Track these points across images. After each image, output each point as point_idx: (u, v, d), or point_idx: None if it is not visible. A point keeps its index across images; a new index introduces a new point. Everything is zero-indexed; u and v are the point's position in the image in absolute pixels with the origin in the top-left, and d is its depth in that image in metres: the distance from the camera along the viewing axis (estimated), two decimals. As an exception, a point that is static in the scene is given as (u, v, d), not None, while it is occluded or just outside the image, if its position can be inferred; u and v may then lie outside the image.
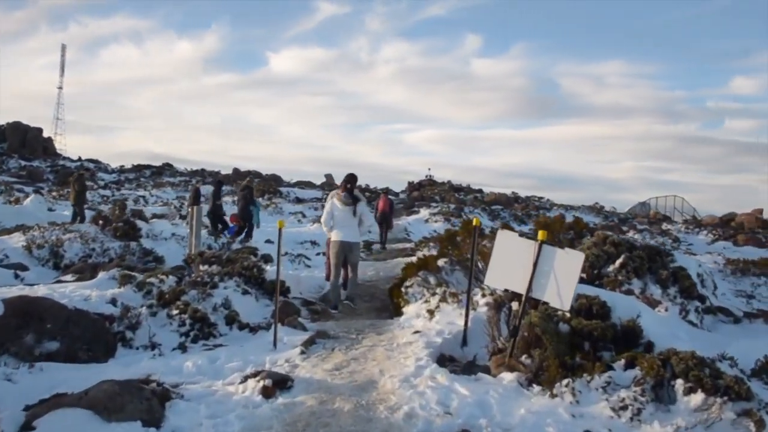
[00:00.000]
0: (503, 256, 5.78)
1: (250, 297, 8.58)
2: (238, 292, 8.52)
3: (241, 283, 8.81)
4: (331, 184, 49.71)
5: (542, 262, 5.53)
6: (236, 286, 8.64)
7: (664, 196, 53.31)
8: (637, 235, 28.07)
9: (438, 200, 37.53)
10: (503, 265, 5.77)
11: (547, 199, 44.07)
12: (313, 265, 13.19)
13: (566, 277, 5.41)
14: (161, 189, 36.85)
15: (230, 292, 8.47)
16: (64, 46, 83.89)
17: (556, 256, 5.48)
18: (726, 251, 25.99)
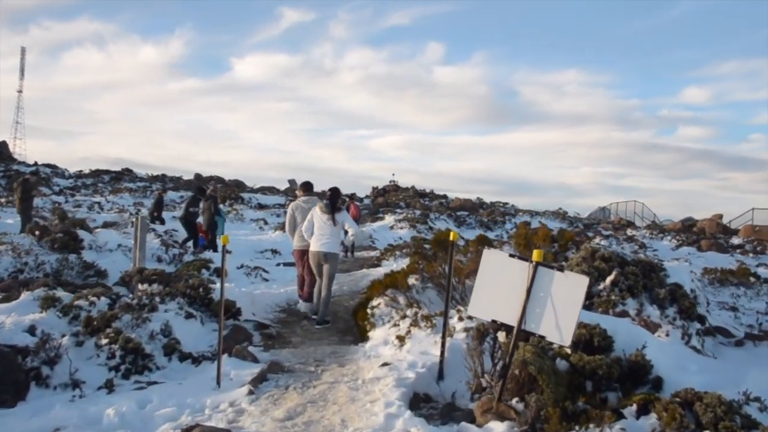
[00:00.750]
0: (490, 280, 4.86)
1: (195, 321, 7.51)
2: (180, 316, 7.45)
3: (184, 304, 7.73)
4: (294, 189, 48.49)
5: (537, 288, 4.63)
6: (179, 309, 7.56)
7: (624, 202, 53.39)
8: (604, 241, 27.60)
9: (403, 206, 36.66)
10: (490, 291, 4.84)
11: (511, 205, 43.55)
12: (272, 278, 12.13)
13: (567, 306, 4.51)
14: (118, 195, 35.17)
15: (172, 315, 7.40)
16: (24, 49, 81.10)
17: (554, 280, 4.58)
18: (691, 257, 25.72)
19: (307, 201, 9.54)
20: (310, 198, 9.65)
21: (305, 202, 9.56)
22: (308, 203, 9.44)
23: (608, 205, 55.34)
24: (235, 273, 11.96)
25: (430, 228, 28.48)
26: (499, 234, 30.02)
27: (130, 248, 13.17)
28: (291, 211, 9.58)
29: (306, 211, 9.24)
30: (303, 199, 9.66)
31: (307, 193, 9.87)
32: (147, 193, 36.51)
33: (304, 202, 9.57)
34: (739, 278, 13.21)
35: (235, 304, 7.97)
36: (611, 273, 7.17)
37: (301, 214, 9.45)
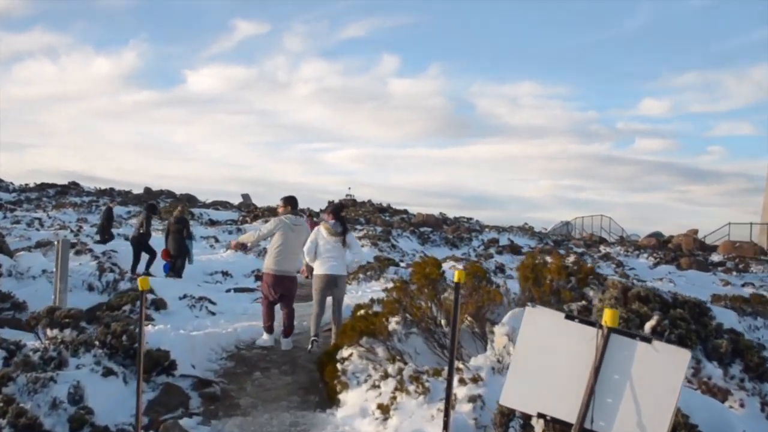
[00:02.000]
0: (534, 354, 3.30)
1: (116, 380, 5.74)
2: (97, 374, 5.69)
3: (103, 357, 5.97)
4: (248, 204, 46.44)
5: (611, 367, 3.10)
6: (95, 364, 5.80)
7: (590, 216, 52.81)
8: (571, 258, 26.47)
9: (363, 222, 35.01)
10: (534, 370, 3.28)
11: (476, 221, 42.30)
12: (220, 310, 10.35)
13: (656, 395, 2.99)
14: (62, 210, 32.66)
15: (85, 373, 5.65)
16: None
17: (636, 354, 3.06)
18: (672, 276, 24.80)
19: (294, 221, 8.51)
20: (298, 218, 8.68)
21: (292, 223, 8.45)
22: (295, 224, 8.48)
23: (572, 219, 54.73)
24: (176, 304, 10.15)
25: (393, 246, 26.93)
26: (466, 252, 28.61)
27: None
28: (273, 227, 8.46)
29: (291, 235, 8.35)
30: (289, 218, 8.46)
31: (293, 212, 8.73)
32: (93, 209, 34.08)
33: (291, 222, 8.44)
34: (754, 306, 11.97)
35: (169, 355, 6.22)
36: (652, 317, 5.69)
37: (283, 234, 8.31)
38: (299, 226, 8.53)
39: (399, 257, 25.50)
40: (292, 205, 8.75)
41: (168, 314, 9.64)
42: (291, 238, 8.35)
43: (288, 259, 8.38)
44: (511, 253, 28.62)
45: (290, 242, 8.34)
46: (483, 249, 29.86)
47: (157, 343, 6.44)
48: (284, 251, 8.32)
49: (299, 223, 8.58)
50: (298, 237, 8.45)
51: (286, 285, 8.36)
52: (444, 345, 6.14)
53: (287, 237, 8.33)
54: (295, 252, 8.45)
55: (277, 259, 8.30)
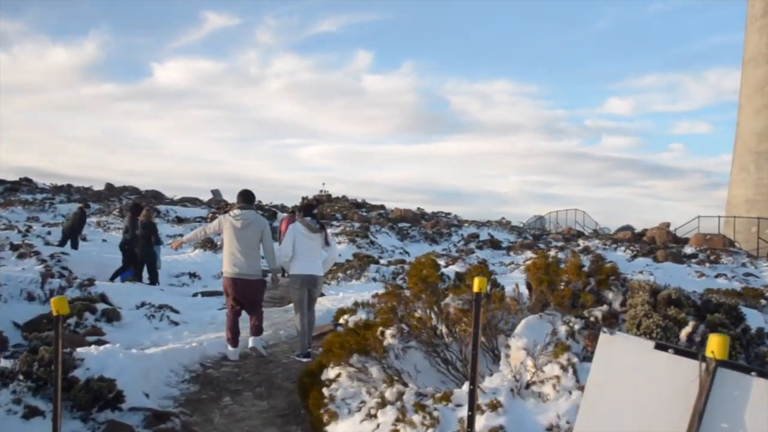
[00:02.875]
0: (613, 391, 2.31)
1: (42, 422, 4.58)
2: (15, 416, 4.53)
3: (26, 393, 4.81)
4: (219, 200, 44.97)
5: (718, 411, 2.14)
6: (14, 402, 4.63)
7: (564, 210, 52.38)
8: (561, 254, 25.75)
9: (339, 218, 33.88)
10: (611, 414, 2.30)
11: (454, 215, 41.32)
12: (184, 320, 9.21)
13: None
14: (9, 209, 30.90)
15: (1, 414, 4.51)
16: None
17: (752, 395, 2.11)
18: (650, 269, 24.27)
19: (241, 216, 7.42)
20: (246, 212, 7.50)
21: (238, 218, 7.39)
22: (241, 219, 7.40)
23: (546, 214, 54.21)
24: (132, 315, 8.99)
25: (372, 242, 25.90)
26: (446, 248, 27.71)
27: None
28: (218, 224, 7.57)
29: (239, 232, 7.37)
30: (235, 214, 7.47)
31: (245, 205, 7.63)
32: (45, 206, 32.39)
33: (237, 218, 7.39)
34: (748, 300, 11.20)
35: (114, 385, 5.06)
36: (687, 324, 4.76)
37: (229, 232, 7.36)
38: (247, 221, 7.42)
39: (378, 254, 24.49)
40: (245, 199, 7.68)
41: (122, 327, 8.49)
42: (238, 234, 7.34)
43: (241, 259, 7.33)
44: (492, 248, 27.80)
45: (238, 239, 7.33)
46: (463, 244, 28.99)
47: (101, 368, 5.29)
48: (233, 250, 7.34)
49: (247, 217, 7.45)
50: (247, 233, 7.39)
51: (243, 289, 7.33)
52: (448, 360, 5.13)
53: (234, 234, 7.34)
54: (246, 250, 7.38)
55: (227, 260, 7.37)
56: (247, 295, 7.37)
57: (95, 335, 7.93)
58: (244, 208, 7.54)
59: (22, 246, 15.54)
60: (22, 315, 9.21)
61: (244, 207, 7.56)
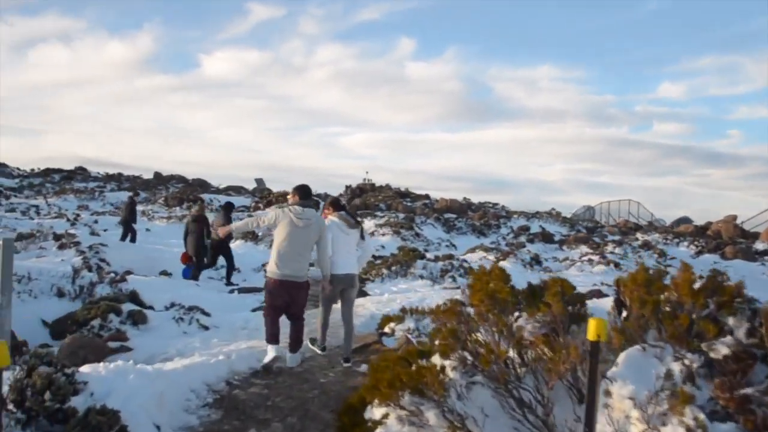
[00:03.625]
0: None
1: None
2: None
3: (13, 425, 4.01)
4: (262, 189, 44.57)
5: None
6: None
7: (617, 200, 50.43)
8: (618, 248, 24.34)
9: (383, 208, 32.95)
10: None
11: (502, 206, 39.96)
12: (215, 323, 8.39)
13: None
14: (62, 197, 30.96)
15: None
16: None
17: None
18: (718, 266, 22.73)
19: (303, 215, 6.67)
20: (309, 211, 6.75)
21: (300, 217, 6.63)
22: (304, 218, 6.65)
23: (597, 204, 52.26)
24: (160, 317, 8.22)
25: (417, 234, 24.89)
26: (495, 241, 26.52)
27: (22, 278, 9.34)
28: (274, 218, 6.74)
29: (296, 230, 6.59)
30: (295, 210, 6.67)
31: (306, 203, 6.87)
32: (95, 195, 32.36)
33: (299, 216, 6.62)
34: None
35: (118, 418, 4.22)
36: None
37: (286, 228, 6.61)
38: (309, 221, 6.65)
39: (423, 247, 23.50)
40: (302, 194, 6.89)
41: (148, 330, 7.74)
42: (296, 234, 6.57)
43: (293, 260, 6.57)
44: (543, 242, 26.51)
45: (295, 239, 6.57)
46: (513, 237, 27.75)
47: (107, 393, 4.47)
48: (288, 250, 6.55)
49: (309, 216, 6.67)
50: (306, 233, 6.64)
51: (292, 293, 6.62)
52: (524, 402, 4.13)
53: (291, 232, 6.56)
54: (301, 251, 6.64)
55: (279, 260, 6.55)
56: (295, 299, 6.69)
57: (118, 340, 7.20)
58: (305, 205, 6.76)
59: (65, 236, 15.08)
60: (52, 312, 8.62)
61: (305, 204, 6.78)
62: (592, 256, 21.64)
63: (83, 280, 9.69)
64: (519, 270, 17.92)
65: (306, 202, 6.83)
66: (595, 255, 21.97)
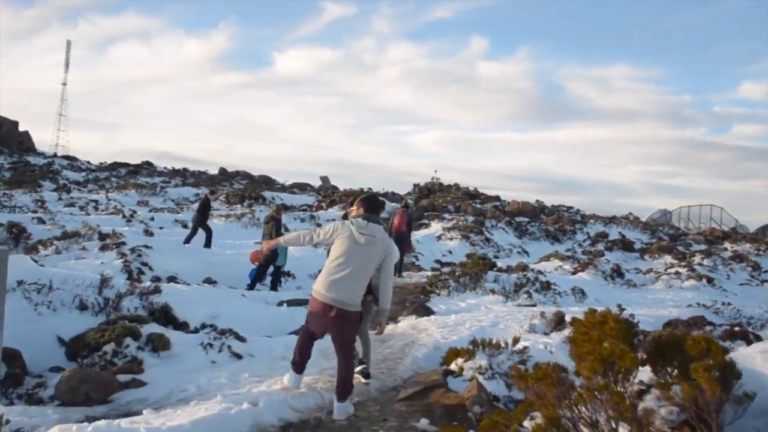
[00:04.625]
0: None
1: None
2: None
3: None
4: (327, 187, 43.72)
5: None
6: None
7: (697, 205, 47.27)
8: (706, 260, 22.06)
9: (451, 210, 31.39)
10: None
11: (576, 209, 37.70)
12: (250, 351, 7.14)
13: None
14: (123, 192, 30.80)
15: None
16: (69, 42, 78.98)
17: None
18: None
19: (367, 230, 5.42)
20: (375, 227, 5.49)
21: (363, 231, 5.40)
22: (367, 234, 5.40)
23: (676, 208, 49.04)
24: (186, 342, 7.02)
25: (487, 240, 23.29)
26: (570, 248, 24.61)
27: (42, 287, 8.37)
28: (331, 231, 5.56)
29: (358, 249, 5.35)
30: (358, 224, 5.46)
31: (372, 216, 5.62)
32: (157, 190, 32.08)
33: (362, 231, 5.40)
34: None
35: None
36: None
37: (345, 244, 5.39)
38: (373, 238, 5.37)
39: (493, 253, 21.90)
40: (369, 206, 5.66)
41: (170, 358, 6.56)
42: (355, 251, 5.32)
43: (346, 282, 5.27)
44: (623, 250, 24.44)
45: (353, 257, 5.32)
46: (590, 244, 25.74)
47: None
48: (342, 269, 5.29)
49: (374, 233, 5.39)
50: (369, 253, 5.37)
51: (337, 323, 5.29)
52: None
53: (349, 249, 5.33)
54: (358, 273, 5.33)
55: (330, 279, 5.29)
56: (340, 331, 5.34)
57: (129, 373, 6.05)
58: (370, 219, 5.50)
59: (110, 235, 14.31)
60: (72, 328, 7.55)
61: (371, 219, 5.52)
62: (679, 269, 19.54)
63: (111, 291, 8.66)
64: (599, 283, 16.15)
65: (372, 216, 5.56)
66: (682, 267, 19.85)
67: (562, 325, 8.18)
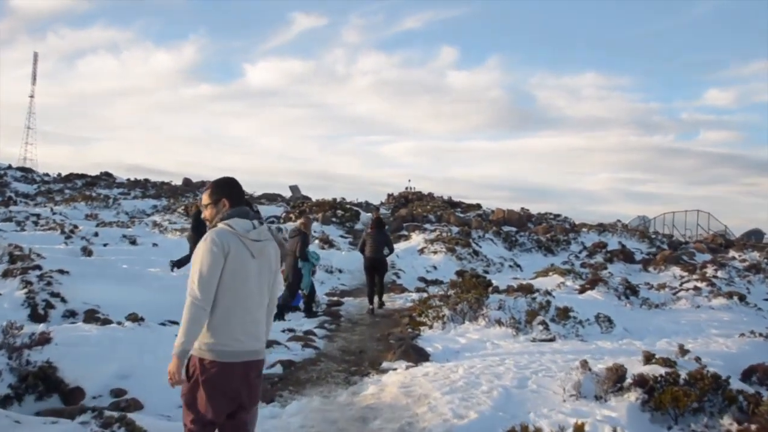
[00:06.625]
0: None
1: None
2: None
3: None
4: (297, 197, 41.06)
5: None
6: None
7: (683, 211, 45.42)
8: (721, 272, 19.89)
9: (433, 220, 28.93)
10: None
11: (564, 217, 35.47)
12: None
13: None
14: (72, 204, 27.82)
15: None
16: (36, 54, 77.03)
17: None
18: None
19: (255, 234, 3.41)
20: (257, 226, 3.45)
21: (252, 237, 3.39)
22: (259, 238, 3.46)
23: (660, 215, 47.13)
24: None
25: (475, 253, 20.84)
26: (567, 260, 22.26)
27: None
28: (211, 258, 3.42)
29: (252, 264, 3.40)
30: (238, 225, 3.38)
31: (240, 209, 3.50)
32: (109, 203, 29.15)
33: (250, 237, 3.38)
34: None
35: None
36: None
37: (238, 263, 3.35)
38: (265, 242, 3.46)
39: (483, 268, 19.46)
40: (237, 196, 3.54)
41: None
42: (253, 271, 3.39)
43: (255, 320, 3.42)
44: (624, 261, 22.20)
45: (254, 281, 3.40)
46: (587, 256, 23.44)
47: None
48: (247, 304, 3.36)
49: (264, 235, 3.46)
50: (267, 265, 3.50)
51: (253, 384, 3.43)
52: None
53: (246, 271, 3.35)
54: (263, 303, 3.51)
55: (232, 324, 3.30)
56: (256, 398, 3.50)
57: None
58: (245, 215, 3.43)
59: (22, 257, 11.56)
60: None
61: (243, 213, 3.45)
62: (696, 283, 17.27)
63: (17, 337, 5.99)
64: (613, 303, 13.70)
65: (243, 209, 3.46)
66: (699, 281, 17.60)
67: (623, 383, 5.72)
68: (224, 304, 3.24)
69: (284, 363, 7.67)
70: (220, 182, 3.54)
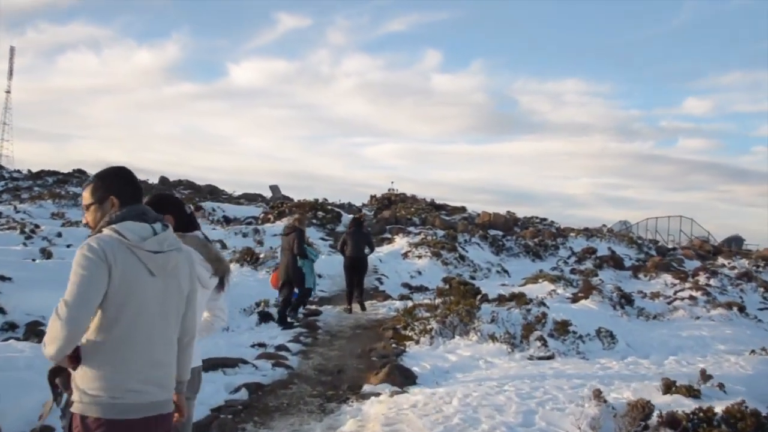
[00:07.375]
0: None
1: None
2: None
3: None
4: (277, 197, 39.98)
5: None
6: None
7: (666, 217, 44.96)
8: (713, 280, 19.19)
9: (417, 223, 28.01)
10: None
11: (551, 221, 34.77)
12: None
13: None
14: (37, 203, 26.51)
15: None
16: (13, 48, 75.91)
17: None
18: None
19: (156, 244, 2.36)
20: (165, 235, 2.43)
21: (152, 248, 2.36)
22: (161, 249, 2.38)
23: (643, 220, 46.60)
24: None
25: (461, 258, 19.95)
26: (556, 266, 21.45)
27: None
28: (89, 269, 2.19)
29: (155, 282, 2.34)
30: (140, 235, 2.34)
31: (136, 208, 2.41)
32: (77, 201, 27.85)
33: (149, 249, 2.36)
34: None
35: None
36: None
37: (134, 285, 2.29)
38: (170, 257, 2.44)
39: (470, 273, 18.57)
40: (134, 192, 2.49)
41: None
42: (155, 294, 2.37)
43: (160, 360, 2.41)
44: (614, 268, 21.45)
45: (156, 307, 2.38)
46: (576, 261, 22.66)
47: None
48: (132, 340, 2.31)
49: (171, 243, 2.45)
50: (175, 286, 2.48)
51: None
52: None
53: (136, 296, 2.30)
54: (171, 335, 2.49)
55: (110, 368, 2.26)
56: None
57: None
58: (138, 215, 2.42)
59: None
60: None
61: (149, 216, 2.46)
62: (691, 292, 16.51)
63: None
64: (609, 314, 12.85)
65: (139, 207, 2.45)
66: (693, 290, 16.84)
67: (648, 420, 4.81)
68: (112, 340, 2.24)
69: (250, 387, 6.68)
70: (107, 174, 2.50)
